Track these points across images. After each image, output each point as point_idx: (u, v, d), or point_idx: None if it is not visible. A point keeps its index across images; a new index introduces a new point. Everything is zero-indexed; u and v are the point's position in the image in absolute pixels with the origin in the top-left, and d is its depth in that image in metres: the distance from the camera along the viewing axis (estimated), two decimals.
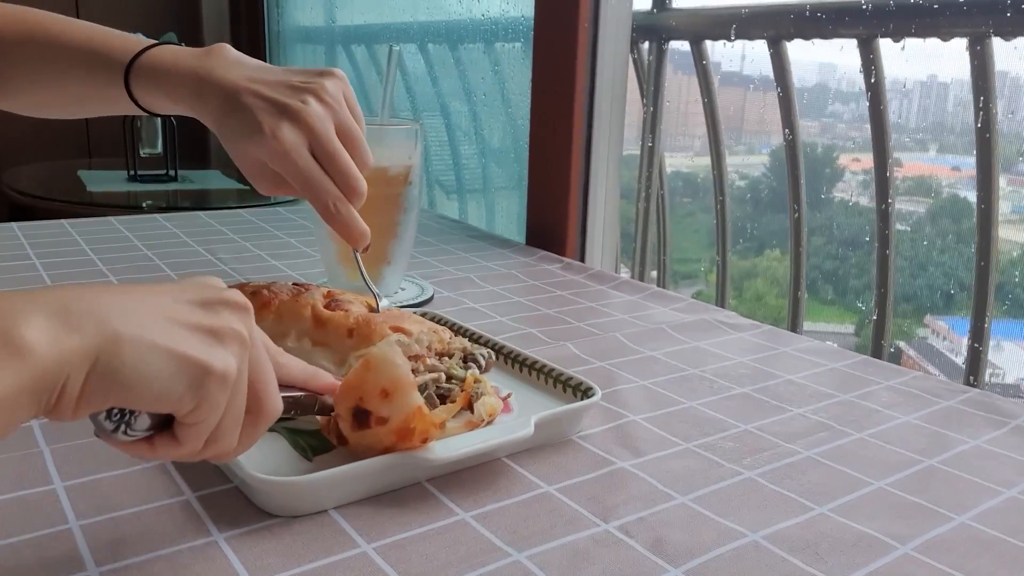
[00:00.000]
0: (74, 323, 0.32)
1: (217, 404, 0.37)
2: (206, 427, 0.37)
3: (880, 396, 0.69)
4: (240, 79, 0.61)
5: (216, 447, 0.39)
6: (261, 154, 0.59)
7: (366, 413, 0.47)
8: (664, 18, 1.30)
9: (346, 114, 0.61)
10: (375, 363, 0.46)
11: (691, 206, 1.52)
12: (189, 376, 0.35)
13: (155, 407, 0.35)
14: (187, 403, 0.35)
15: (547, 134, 1.22)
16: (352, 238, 0.61)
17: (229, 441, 0.39)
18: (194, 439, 0.37)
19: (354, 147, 0.61)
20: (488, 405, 0.55)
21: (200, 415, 0.36)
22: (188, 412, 0.36)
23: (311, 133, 0.58)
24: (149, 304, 0.36)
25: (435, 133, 1.78)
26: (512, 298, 0.93)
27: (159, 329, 0.35)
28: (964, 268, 1.06)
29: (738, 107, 1.36)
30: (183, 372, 0.35)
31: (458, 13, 1.67)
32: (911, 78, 1.10)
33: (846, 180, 1.27)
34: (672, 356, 0.76)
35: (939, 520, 0.49)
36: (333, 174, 0.59)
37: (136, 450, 0.38)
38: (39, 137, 2.66)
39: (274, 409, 0.41)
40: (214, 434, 0.38)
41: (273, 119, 0.58)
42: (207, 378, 0.35)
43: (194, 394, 0.35)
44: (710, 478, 0.53)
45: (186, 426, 0.37)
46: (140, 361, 0.33)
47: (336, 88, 0.61)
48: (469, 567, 0.43)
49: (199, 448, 0.38)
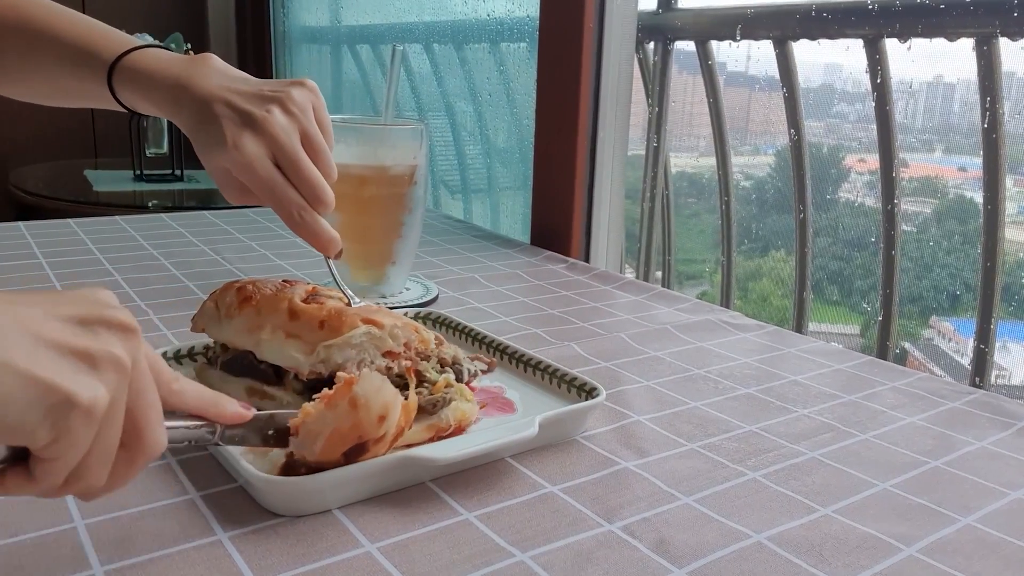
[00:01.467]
0: None
1: (79, 439, 0.32)
2: (64, 464, 0.33)
3: (885, 397, 0.69)
4: (216, 89, 0.61)
5: (79, 485, 0.34)
6: (225, 163, 0.59)
7: (362, 444, 0.46)
8: (669, 18, 1.30)
9: (311, 124, 0.61)
10: (363, 400, 0.45)
11: (696, 206, 1.52)
12: (48, 406, 0.31)
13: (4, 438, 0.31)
14: (43, 436, 0.31)
15: (552, 134, 1.22)
16: (320, 246, 0.61)
17: (96, 478, 0.34)
18: (51, 476, 0.33)
19: (318, 157, 0.61)
20: (458, 411, 0.54)
21: (58, 451, 0.32)
22: (44, 446, 0.31)
23: (274, 143, 0.59)
24: (14, 316, 0.31)
25: (440, 133, 1.78)
26: (517, 298, 0.93)
27: (20, 347, 0.30)
28: (970, 269, 1.06)
29: (743, 107, 1.35)
30: (41, 400, 0.30)
31: (463, 13, 1.67)
32: (917, 78, 1.10)
33: (852, 181, 1.27)
34: (676, 356, 0.76)
35: (944, 522, 0.49)
36: (297, 183, 0.59)
37: None
38: (45, 137, 2.67)
39: (155, 443, 0.36)
40: (76, 471, 0.33)
41: (236, 129, 0.59)
42: (69, 410, 0.31)
43: (52, 427, 0.31)
44: (714, 479, 0.53)
45: (42, 461, 0.32)
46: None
47: (304, 97, 0.61)
48: (473, 567, 0.43)
49: (57, 485, 0.34)
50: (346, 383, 0.45)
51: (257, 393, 0.58)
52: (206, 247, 1.08)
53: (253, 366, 0.58)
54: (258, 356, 0.57)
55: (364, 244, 0.86)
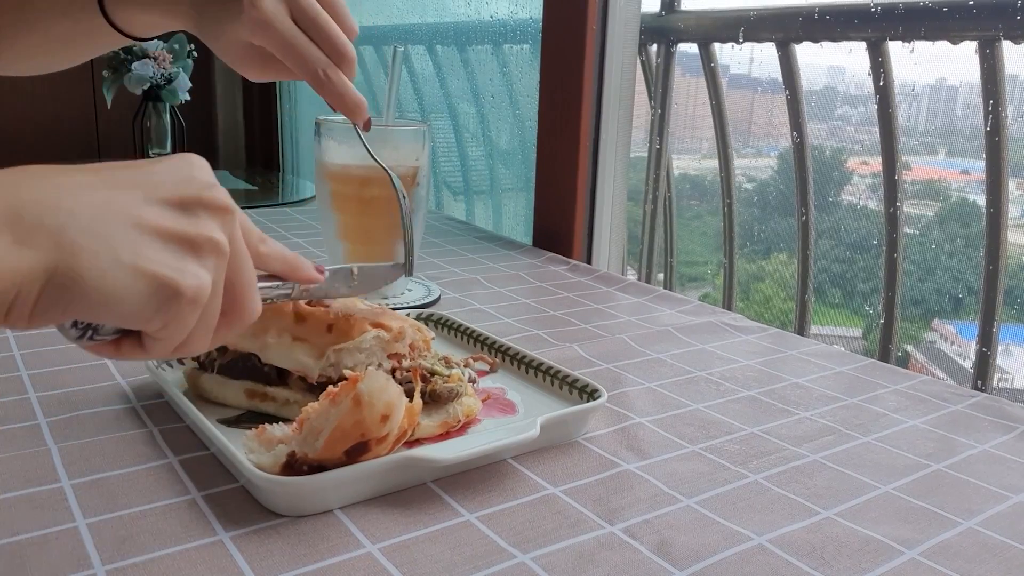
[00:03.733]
0: (25, 236, 0.29)
1: (187, 322, 0.34)
2: (172, 341, 0.35)
3: (887, 400, 0.69)
4: None
5: (186, 351, 0.38)
6: (243, 32, 0.56)
7: (364, 443, 0.46)
8: (672, 20, 1.30)
9: None
10: (366, 398, 0.45)
11: (698, 208, 1.52)
12: (158, 296, 0.32)
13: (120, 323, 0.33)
14: (157, 322, 0.33)
15: (555, 136, 1.22)
16: (347, 109, 0.58)
17: (200, 346, 0.37)
18: (162, 347, 0.36)
19: (336, 12, 0.58)
20: (465, 406, 0.56)
21: (169, 332, 0.34)
22: (157, 329, 0.34)
23: None
24: (116, 205, 0.32)
25: (443, 134, 1.79)
26: (519, 299, 0.93)
27: (125, 241, 0.31)
28: (972, 272, 1.06)
29: (746, 110, 1.35)
30: (151, 293, 0.32)
31: (466, 15, 1.67)
32: (920, 81, 1.10)
33: (854, 183, 1.27)
34: (678, 358, 0.76)
35: (946, 525, 0.49)
36: (319, 41, 0.56)
37: (100, 350, 0.36)
38: (48, 137, 2.68)
39: (252, 312, 0.39)
40: (185, 342, 0.36)
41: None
42: (178, 299, 0.33)
43: (163, 315, 0.33)
44: (716, 481, 0.53)
45: (153, 339, 0.35)
46: (102, 279, 0.30)
47: None
48: (474, 568, 0.43)
49: (167, 354, 0.37)
50: (351, 380, 0.46)
51: (258, 395, 0.58)
52: None
53: (256, 368, 0.57)
54: (263, 359, 0.57)
55: (366, 245, 0.86)
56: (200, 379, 0.59)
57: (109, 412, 0.58)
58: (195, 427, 0.54)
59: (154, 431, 0.56)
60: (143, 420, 0.57)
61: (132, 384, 0.63)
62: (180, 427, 0.56)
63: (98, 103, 2.73)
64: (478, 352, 0.71)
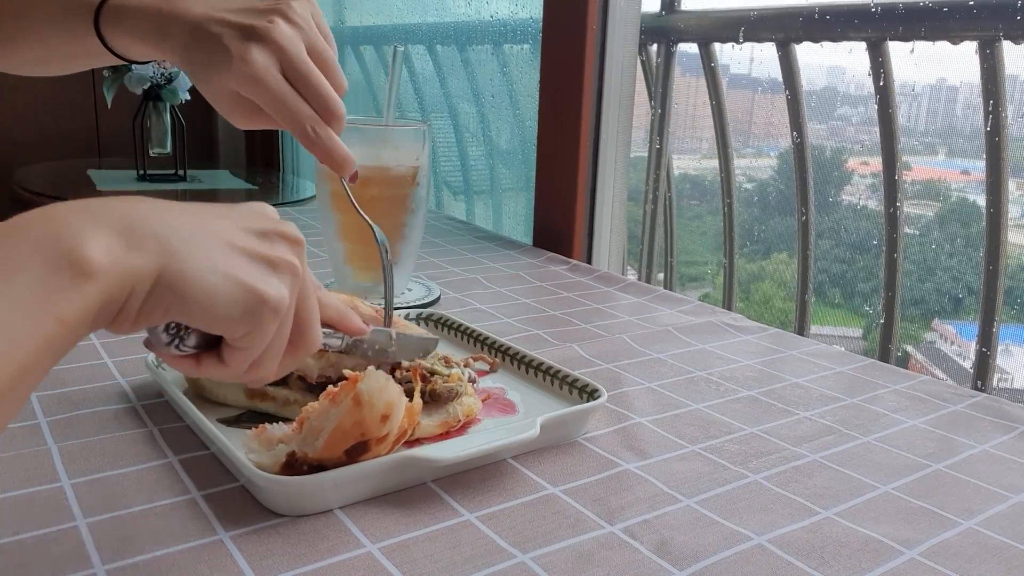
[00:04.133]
0: (137, 242, 0.33)
1: (268, 332, 0.38)
2: (252, 353, 0.39)
3: (887, 400, 0.69)
4: (204, 10, 0.58)
5: (257, 372, 0.40)
6: (231, 81, 0.56)
7: (364, 443, 0.46)
8: (672, 20, 1.30)
9: (316, 34, 0.58)
10: (366, 398, 0.45)
11: (698, 208, 1.52)
12: (246, 302, 0.36)
13: (211, 327, 0.36)
14: (242, 328, 0.37)
15: (555, 136, 1.22)
16: (335, 164, 0.58)
17: (270, 367, 0.40)
18: (239, 362, 0.39)
19: (327, 68, 0.58)
20: (465, 406, 0.56)
21: (251, 340, 0.38)
22: (240, 336, 0.37)
23: (282, 54, 0.55)
24: (210, 228, 0.36)
25: (443, 134, 1.79)
26: (519, 299, 0.93)
27: (219, 252, 0.36)
28: (972, 272, 1.06)
29: (746, 110, 1.35)
30: (241, 297, 0.36)
31: (467, 15, 1.67)
32: (920, 81, 1.10)
33: (854, 183, 1.27)
34: (678, 358, 0.76)
35: (946, 525, 0.49)
36: (308, 96, 0.56)
37: (182, 365, 0.39)
38: (49, 137, 2.68)
39: (314, 342, 0.42)
40: (258, 360, 0.39)
41: (241, 43, 0.55)
42: (263, 306, 0.37)
43: (249, 320, 0.37)
44: (716, 481, 0.53)
45: (234, 350, 0.38)
46: (202, 281, 0.34)
47: (304, 8, 0.58)
48: (474, 568, 0.43)
49: (243, 371, 0.40)
50: (351, 380, 0.46)
51: (258, 395, 0.58)
52: None
53: None
54: None
55: (366, 245, 0.86)
56: (200, 378, 0.59)
57: (109, 412, 0.58)
58: (195, 427, 0.54)
59: (154, 431, 0.56)
60: (143, 420, 0.57)
61: (132, 384, 0.63)
62: (180, 427, 0.56)
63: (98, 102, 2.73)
64: (478, 352, 0.71)
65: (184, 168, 2.19)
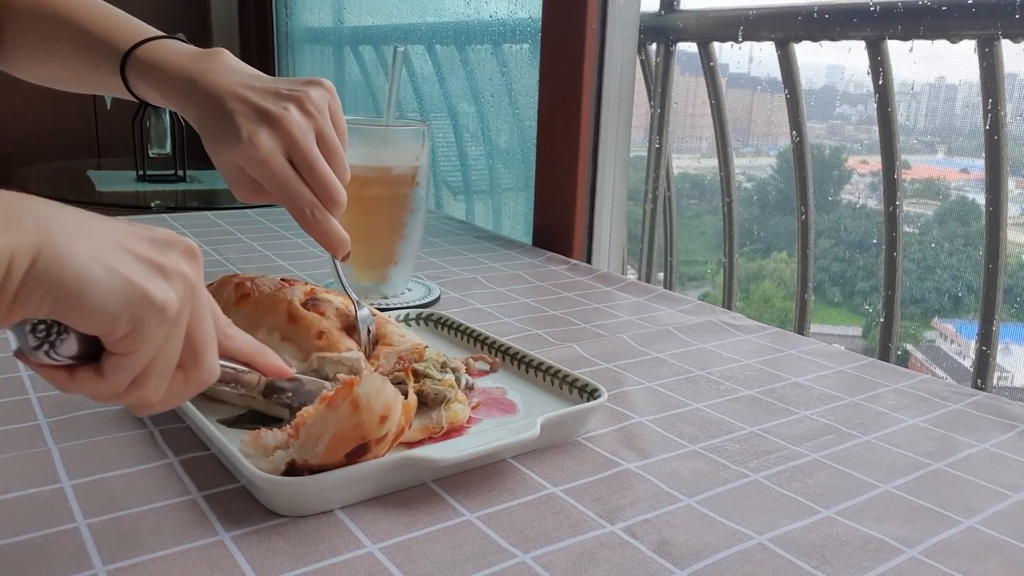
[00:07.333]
0: (15, 222, 0.31)
1: (151, 337, 0.35)
2: (134, 362, 0.36)
3: (887, 399, 0.69)
4: (229, 84, 0.61)
5: (140, 392, 0.37)
6: (238, 159, 0.58)
7: (364, 445, 0.46)
8: (672, 20, 1.30)
9: (328, 124, 0.61)
10: (364, 401, 0.45)
11: (698, 208, 1.52)
12: (129, 297, 0.34)
13: (89, 322, 0.33)
14: (122, 326, 0.34)
15: (554, 135, 1.22)
16: (331, 246, 0.61)
17: (154, 391, 0.37)
18: (120, 374, 0.36)
19: (333, 157, 0.60)
20: (452, 412, 0.55)
21: (132, 344, 0.35)
22: (120, 338, 0.34)
23: (289, 140, 0.58)
24: (100, 225, 0.35)
25: (442, 134, 1.79)
26: (518, 299, 0.93)
27: (104, 248, 0.34)
28: (972, 271, 1.06)
29: (745, 109, 1.35)
30: (122, 288, 0.33)
31: (466, 14, 1.67)
32: (919, 80, 1.10)
33: (854, 182, 1.27)
34: (678, 358, 0.76)
35: (946, 523, 0.49)
36: (311, 182, 0.59)
37: (55, 377, 0.36)
38: (49, 137, 2.68)
39: (209, 370, 0.40)
40: (141, 375, 0.36)
41: (252, 124, 0.58)
42: (146, 304, 0.34)
43: (131, 318, 0.34)
44: (716, 480, 0.53)
45: (115, 357, 0.35)
46: (82, 267, 0.32)
47: (321, 98, 0.61)
48: (475, 568, 0.43)
49: (123, 387, 0.36)
50: (347, 385, 0.45)
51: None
52: (209, 248, 1.08)
53: None
54: None
55: (366, 245, 0.86)
56: None
57: (109, 412, 0.58)
58: (195, 427, 0.54)
59: (154, 431, 0.56)
60: (143, 420, 0.57)
61: None
62: (180, 427, 0.56)
63: (98, 103, 2.73)
64: (478, 352, 0.71)
65: (183, 168, 2.19)
